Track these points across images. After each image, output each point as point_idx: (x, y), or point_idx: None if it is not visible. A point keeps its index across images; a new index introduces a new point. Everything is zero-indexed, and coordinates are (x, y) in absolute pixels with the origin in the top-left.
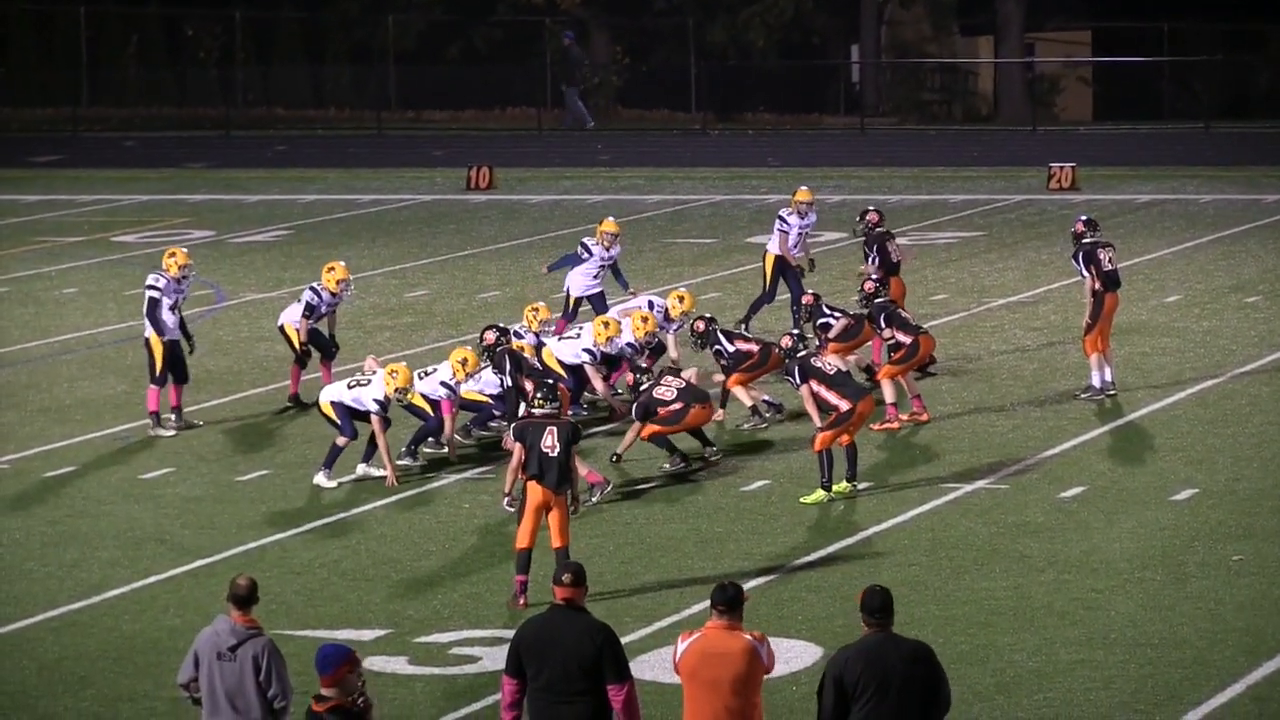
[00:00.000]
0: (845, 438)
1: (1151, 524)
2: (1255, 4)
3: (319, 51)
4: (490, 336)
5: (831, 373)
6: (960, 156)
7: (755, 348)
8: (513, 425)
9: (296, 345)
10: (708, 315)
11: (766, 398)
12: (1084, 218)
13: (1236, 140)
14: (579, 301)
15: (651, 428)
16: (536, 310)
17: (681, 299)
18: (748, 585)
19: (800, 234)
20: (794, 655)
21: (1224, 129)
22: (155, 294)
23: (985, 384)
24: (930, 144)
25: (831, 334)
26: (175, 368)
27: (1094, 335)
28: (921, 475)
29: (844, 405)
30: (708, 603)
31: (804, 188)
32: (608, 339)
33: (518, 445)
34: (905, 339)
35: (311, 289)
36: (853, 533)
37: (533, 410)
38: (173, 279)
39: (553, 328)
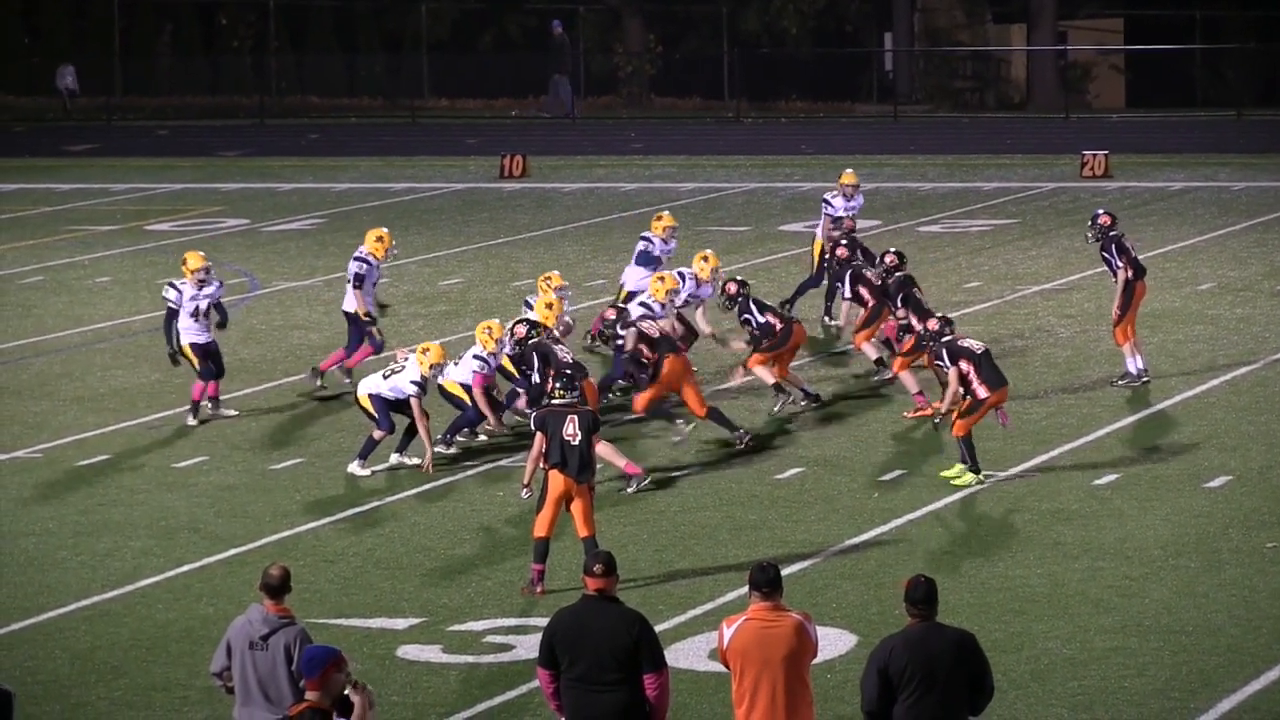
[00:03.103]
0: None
1: (1185, 511)
2: None
3: (352, 40)
4: (521, 330)
5: (979, 352)
6: (993, 144)
7: (779, 324)
8: (533, 415)
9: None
10: (740, 278)
11: (805, 386)
12: (1103, 210)
13: (1269, 128)
14: (631, 295)
15: (643, 396)
16: (549, 279)
17: (706, 258)
18: (782, 572)
19: (844, 217)
20: (829, 643)
21: (1257, 116)
22: (173, 305)
23: (1018, 371)
24: (963, 131)
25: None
26: (212, 363)
27: (1125, 324)
28: (956, 462)
29: (981, 392)
30: (743, 590)
31: (849, 170)
32: (667, 293)
33: (539, 434)
34: (917, 326)
35: (358, 259)
36: (887, 520)
37: (552, 400)
38: (193, 284)
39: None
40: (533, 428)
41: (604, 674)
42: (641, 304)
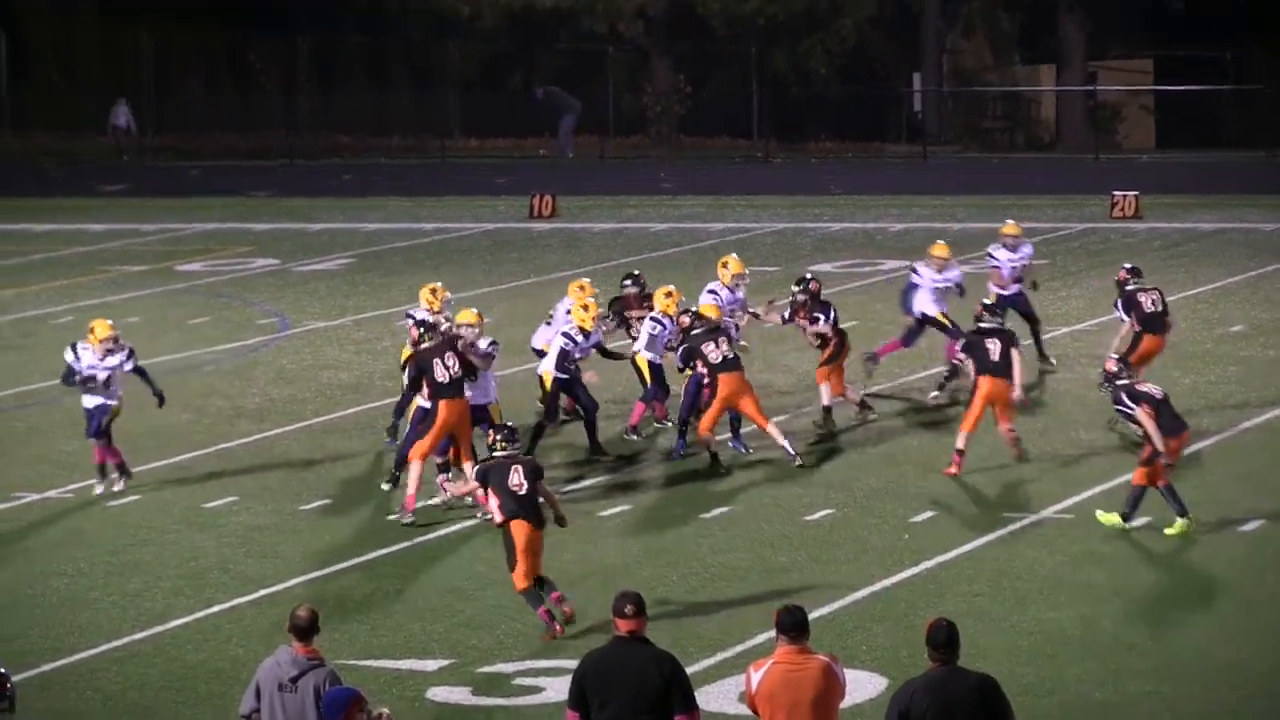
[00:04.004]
0: (1161, 479)
1: (1219, 554)
2: None
3: (382, 79)
4: (414, 332)
5: (1159, 398)
6: (1022, 184)
7: (705, 374)
8: (476, 467)
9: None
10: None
11: (786, 443)
12: (1128, 265)
13: None
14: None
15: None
16: (435, 291)
17: (725, 264)
18: (812, 615)
19: (1014, 267)
20: (858, 686)
21: None
22: (72, 366)
23: (1049, 412)
24: (992, 172)
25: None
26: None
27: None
28: (986, 504)
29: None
30: (773, 633)
31: (1010, 222)
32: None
33: (485, 489)
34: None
35: (653, 319)
36: (917, 562)
37: (494, 453)
38: (97, 352)
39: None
40: (475, 481)
41: (635, 715)
42: (653, 319)
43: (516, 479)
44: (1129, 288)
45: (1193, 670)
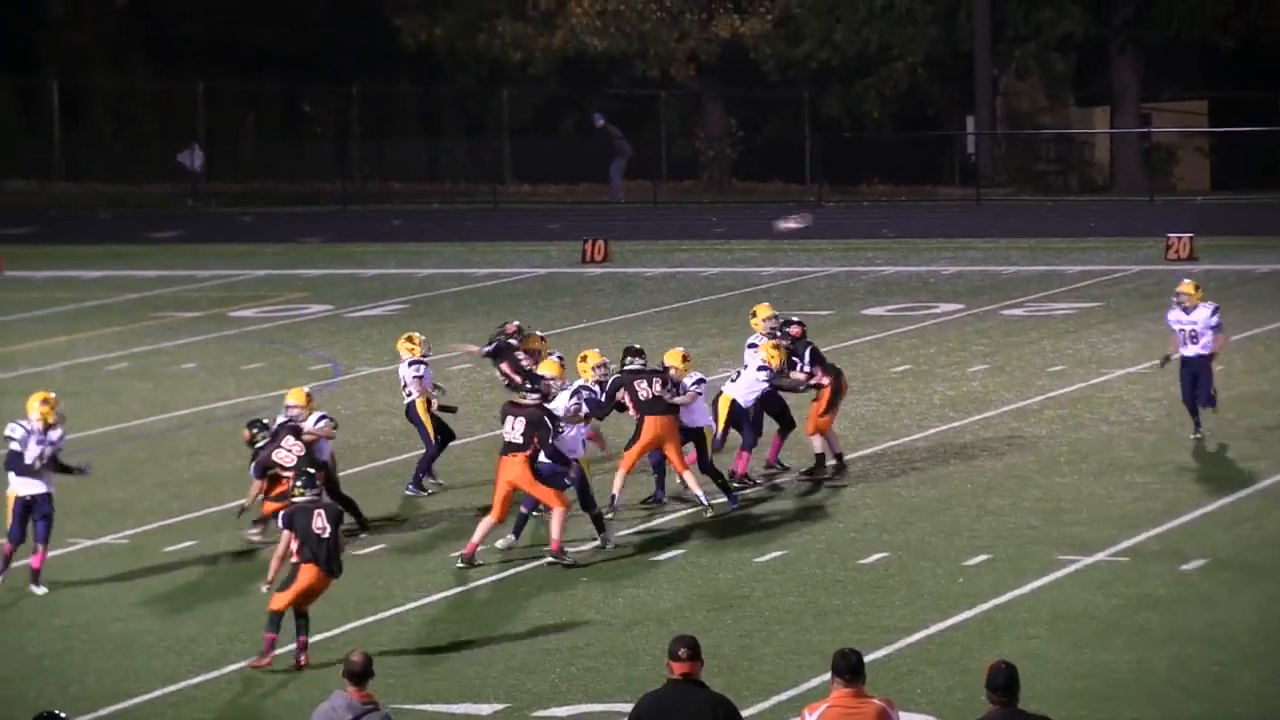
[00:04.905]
0: None
1: (1276, 597)
2: None
3: (435, 126)
4: (246, 435)
5: None
6: (1077, 227)
7: (634, 414)
8: (281, 513)
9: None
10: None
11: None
12: None
13: None
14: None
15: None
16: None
17: (754, 313)
18: (866, 658)
19: (1182, 330)
20: None
21: None
22: (17, 446)
23: (1104, 455)
24: (1046, 215)
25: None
26: (35, 523)
27: None
28: (1040, 547)
29: None
30: (827, 676)
31: (1186, 281)
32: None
33: (287, 532)
34: None
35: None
36: (972, 605)
37: (294, 498)
38: (39, 427)
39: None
40: (280, 526)
41: None
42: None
43: (320, 522)
44: None
45: (1250, 715)
